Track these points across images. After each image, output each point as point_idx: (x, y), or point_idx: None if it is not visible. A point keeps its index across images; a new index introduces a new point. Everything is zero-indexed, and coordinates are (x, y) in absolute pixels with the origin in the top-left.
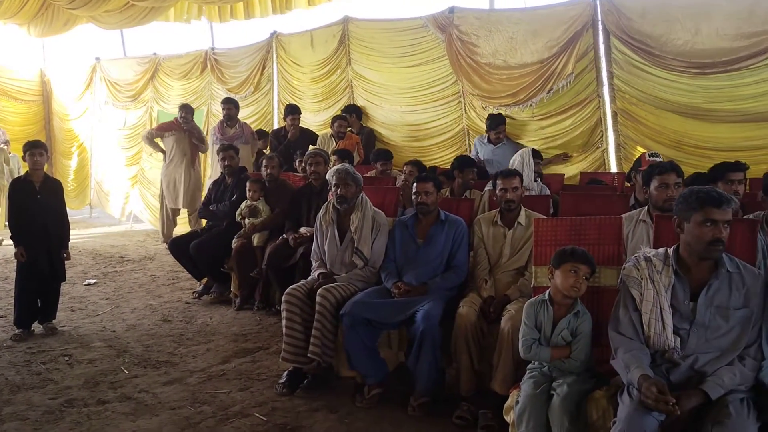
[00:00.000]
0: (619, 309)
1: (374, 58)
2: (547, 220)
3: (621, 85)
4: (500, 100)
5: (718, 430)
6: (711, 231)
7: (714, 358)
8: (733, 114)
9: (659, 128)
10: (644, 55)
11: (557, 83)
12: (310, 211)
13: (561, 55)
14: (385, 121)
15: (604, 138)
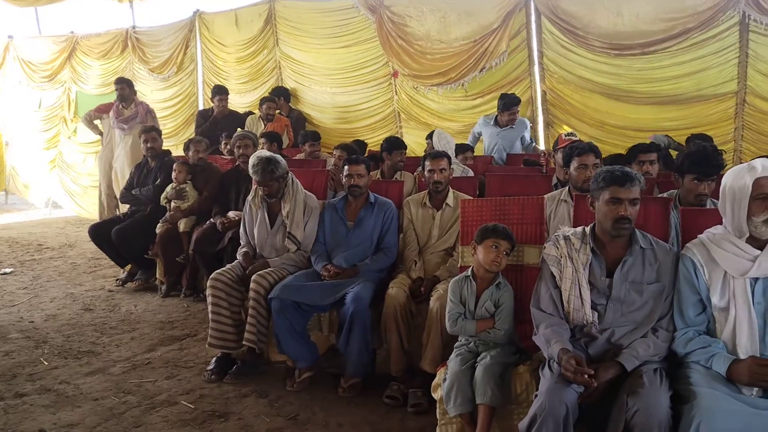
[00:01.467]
0: (540, 286)
1: (303, 38)
2: (472, 201)
3: (550, 65)
4: (432, 80)
5: (633, 399)
6: (616, 209)
7: (629, 331)
8: (651, 96)
9: (583, 108)
10: (570, 35)
11: (490, 62)
12: (238, 194)
13: (494, 33)
14: (314, 102)
15: (534, 117)
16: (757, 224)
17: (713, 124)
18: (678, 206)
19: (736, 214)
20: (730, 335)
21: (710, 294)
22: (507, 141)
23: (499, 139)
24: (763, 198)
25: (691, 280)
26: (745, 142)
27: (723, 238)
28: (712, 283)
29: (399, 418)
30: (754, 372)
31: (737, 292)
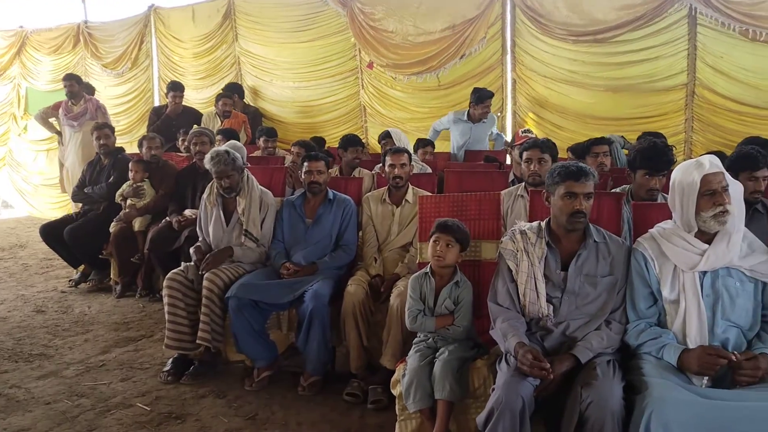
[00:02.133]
0: (497, 281)
1: (264, 33)
2: (430, 198)
3: (520, 53)
4: (411, 69)
5: (587, 391)
6: (572, 203)
7: (584, 323)
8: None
9: (547, 95)
10: (537, 24)
11: (469, 49)
12: (195, 192)
13: (473, 21)
14: (275, 98)
15: (504, 105)
16: (706, 219)
17: (665, 114)
18: (630, 201)
19: (685, 210)
20: (681, 327)
21: (661, 287)
22: (479, 136)
23: (472, 134)
24: (710, 194)
25: (643, 273)
26: (695, 133)
27: (673, 232)
28: (662, 277)
29: (359, 415)
30: (704, 360)
31: (687, 285)
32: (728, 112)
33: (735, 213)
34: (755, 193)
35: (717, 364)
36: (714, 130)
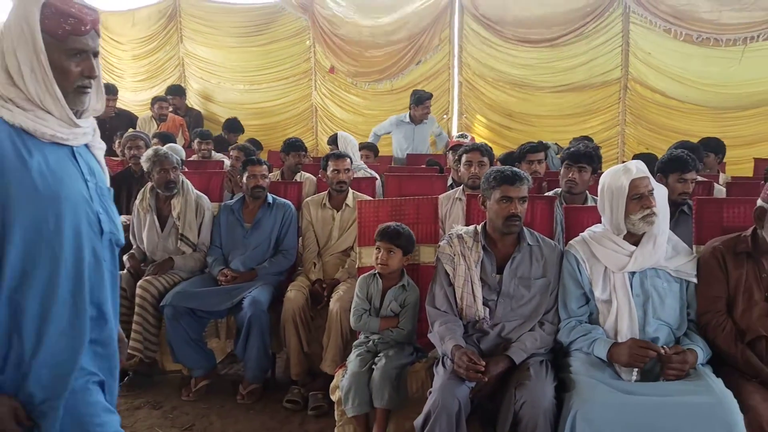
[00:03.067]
0: (435, 285)
1: (213, 36)
2: (369, 202)
3: (467, 58)
4: (371, 76)
5: (520, 391)
6: (507, 207)
7: (518, 325)
8: (551, 85)
9: (495, 98)
10: (491, 30)
11: (425, 55)
12: (130, 197)
13: (428, 29)
14: (222, 100)
15: (450, 108)
16: (635, 221)
17: (602, 108)
18: (563, 203)
19: (614, 213)
20: (613, 325)
21: (593, 288)
22: (422, 137)
23: (415, 136)
24: (638, 197)
25: (575, 275)
26: (628, 126)
27: (602, 235)
28: (594, 278)
29: (299, 422)
30: (634, 352)
31: (617, 286)
32: (657, 105)
33: (660, 215)
34: (683, 194)
35: (646, 356)
36: (645, 123)
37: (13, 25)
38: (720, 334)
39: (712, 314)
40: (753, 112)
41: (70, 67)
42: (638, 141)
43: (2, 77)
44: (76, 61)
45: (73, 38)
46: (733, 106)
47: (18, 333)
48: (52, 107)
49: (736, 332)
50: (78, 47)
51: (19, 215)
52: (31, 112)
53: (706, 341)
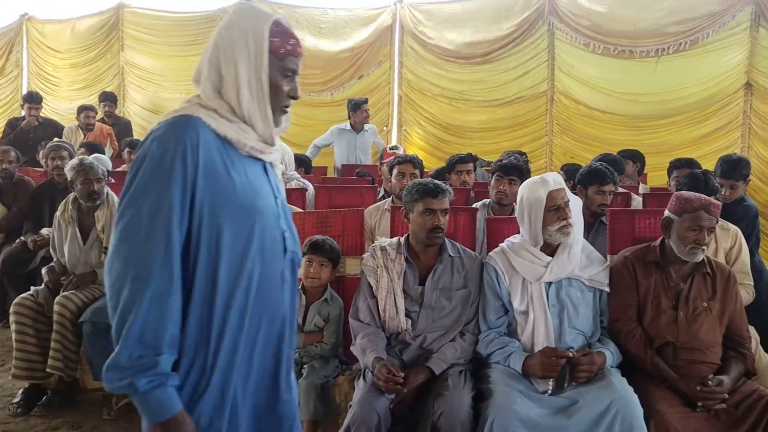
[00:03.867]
0: (359, 297)
1: (154, 45)
2: (295, 214)
3: (407, 73)
4: (312, 87)
5: (439, 402)
6: (431, 220)
7: (440, 335)
8: (484, 100)
9: (433, 111)
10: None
11: (367, 70)
12: (52, 210)
13: (370, 46)
14: (160, 110)
15: (390, 120)
16: (552, 232)
17: (531, 120)
18: (491, 213)
19: (533, 225)
20: (530, 336)
21: (512, 299)
22: (364, 146)
23: (357, 144)
24: (555, 209)
25: (494, 286)
26: (555, 136)
27: (520, 246)
28: (512, 289)
29: None
30: (545, 363)
31: (534, 296)
32: (580, 116)
33: (575, 226)
34: (602, 205)
35: (557, 365)
36: (570, 133)
37: (236, 39)
38: (631, 341)
39: (623, 322)
40: (669, 120)
41: (282, 86)
42: (564, 150)
43: (209, 89)
44: (287, 81)
45: (291, 59)
46: (650, 114)
47: (204, 346)
48: (258, 123)
49: (645, 339)
50: (292, 68)
51: (224, 225)
52: (235, 124)
53: (618, 347)
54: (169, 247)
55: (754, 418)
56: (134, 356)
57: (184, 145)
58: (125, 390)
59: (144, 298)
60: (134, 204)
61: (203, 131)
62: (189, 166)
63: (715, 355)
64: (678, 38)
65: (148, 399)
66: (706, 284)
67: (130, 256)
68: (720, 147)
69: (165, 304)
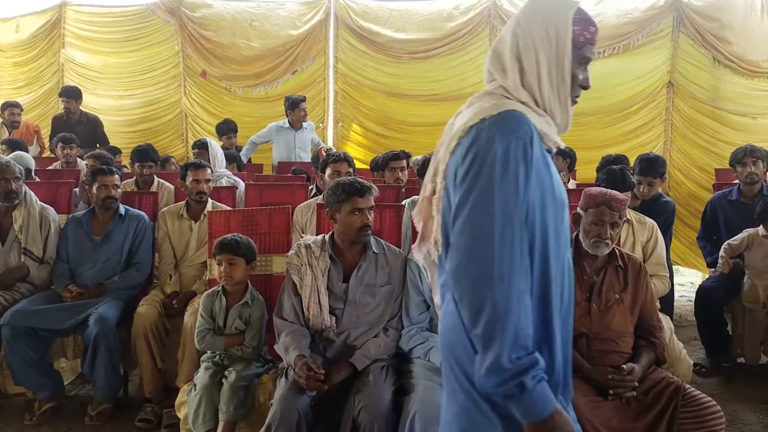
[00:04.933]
0: (283, 295)
1: (94, 42)
2: (220, 212)
3: (343, 68)
4: (246, 81)
5: (359, 396)
6: (359, 218)
7: (364, 332)
8: (426, 95)
9: (371, 106)
10: (368, 43)
11: (302, 65)
12: None
13: (305, 39)
14: (97, 106)
15: (326, 117)
16: None
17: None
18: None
19: None
20: None
21: (433, 294)
22: (303, 143)
23: (296, 141)
24: None
25: (416, 282)
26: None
27: None
28: (434, 285)
29: None
30: None
31: None
32: None
33: None
34: None
35: None
36: None
37: (537, 27)
38: None
39: None
40: (599, 117)
41: (578, 75)
42: None
43: (515, 80)
44: (581, 70)
45: (588, 47)
46: (583, 112)
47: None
48: (557, 113)
49: None
50: (588, 57)
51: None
52: (543, 117)
53: None
54: (522, 245)
55: (663, 404)
56: (513, 357)
57: (524, 141)
58: (512, 390)
59: (513, 299)
60: (484, 204)
61: (531, 126)
62: (528, 163)
63: (626, 345)
64: (612, 43)
65: (533, 397)
66: (618, 276)
67: (489, 258)
68: (645, 141)
69: (526, 304)
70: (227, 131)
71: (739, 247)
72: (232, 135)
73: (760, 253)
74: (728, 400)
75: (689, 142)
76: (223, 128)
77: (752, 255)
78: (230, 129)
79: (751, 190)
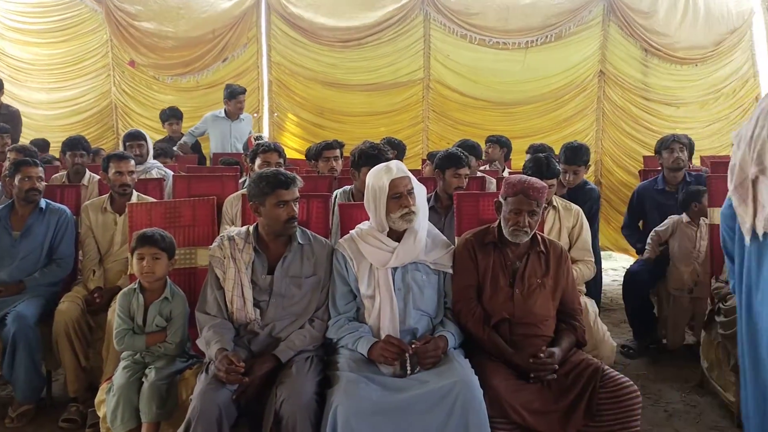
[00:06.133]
0: (206, 289)
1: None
2: (140, 205)
3: (276, 56)
4: (174, 69)
5: (281, 389)
6: (284, 211)
7: (289, 323)
8: (360, 84)
9: (306, 96)
10: (300, 30)
11: (232, 52)
12: None
13: (234, 27)
14: (29, 99)
15: (261, 105)
16: (395, 220)
17: (408, 106)
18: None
19: (378, 211)
20: (376, 319)
21: (359, 284)
22: (240, 134)
23: (233, 132)
24: (398, 197)
25: (342, 272)
26: (431, 122)
27: (368, 233)
28: (360, 275)
29: None
30: (384, 350)
31: (381, 281)
32: (455, 103)
33: (420, 213)
34: (458, 188)
35: (393, 357)
36: (445, 119)
37: None
38: (470, 320)
39: (464, 302)
40: (534, 106)
41: None
42: (440, 136)
43: None
44: None
45: None
46: (519, 101)
47: None
48: None
49: (484, 317)
50: None
51: None
52: None
53: (459, 327)
54: None
55: (582, 385)
56: None
57: None
58: None
59: None
60: None
61: None
62: None
63: (548, 329)
64: (545, 32)
65: None
66: (540, 262)
67: None
68: (578, 130)
69: None
70: (169, 117)
71: (665, 233)
72: (174, 122)
73: (684, 240)
74: (653, 380)
75: (619, 131)
76: (166, 114)
77: (676, 242)
78: (173, 115)
79: (675, 178)
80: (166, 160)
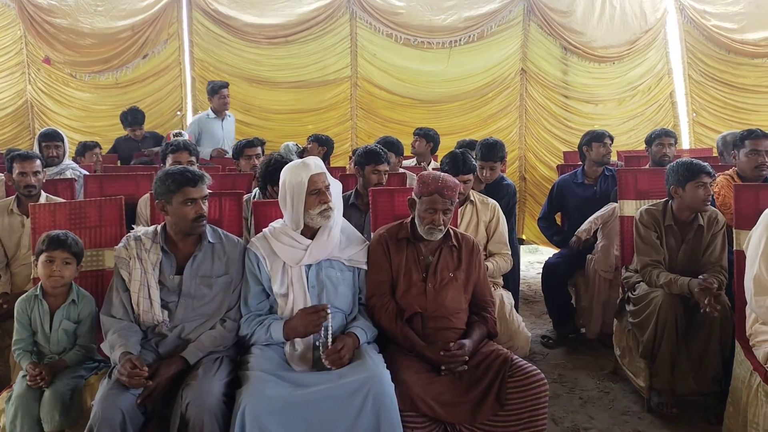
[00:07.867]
0: (111, 292)
1: None
2: (43, 206)
3: (199, 53)
4: (91, 67)
5: (187, 392)
6: (192, 209)
7: (199, 324)
8: (286, 81)
9: (232, 93)
10: (224, 27)
11: (152, 49)
12: None
13: (153, 23)
14: None
15: (184, 104)
16: (313, 216)
17: (336, 104)
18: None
19: (295, 208)
20: (289, 316)
21: (272, 283)
22: (230, 131)
23: (224, 130)
24: (316, 193)
25: (255, 272)
26: (359, 120)
27: (281, 231)
28: (273, 273)
29: None
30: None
31: (294, 279)
32: (382, 101)
33: (336, 209)
34: (378, 184)
35: (318, 319)
36: (373, 117)
37: None
38: (384, 315)
39: (377, 297)
40: (459, 104)
41: None
42: (368, 134)
43: None
44: None
45: None
46: (444, 99)
47: None
48: None
49: (397, 311)
50: None
51: None
52: None
53: (372, 322)
54: None
55: (492, 375)
56: None
57: None
58: None
59: None
60: None
61: None
62: None
63: (460, 321)
64: (467, 32)
65: None
66: (453, 256)
67: None
68: (502, 127)
69: None
70: (132, 124)
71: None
72: (137, 128)
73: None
74: (570, 368)
75: (541, 127)
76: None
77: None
78: (135, 122)
79: (595, 172)
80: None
